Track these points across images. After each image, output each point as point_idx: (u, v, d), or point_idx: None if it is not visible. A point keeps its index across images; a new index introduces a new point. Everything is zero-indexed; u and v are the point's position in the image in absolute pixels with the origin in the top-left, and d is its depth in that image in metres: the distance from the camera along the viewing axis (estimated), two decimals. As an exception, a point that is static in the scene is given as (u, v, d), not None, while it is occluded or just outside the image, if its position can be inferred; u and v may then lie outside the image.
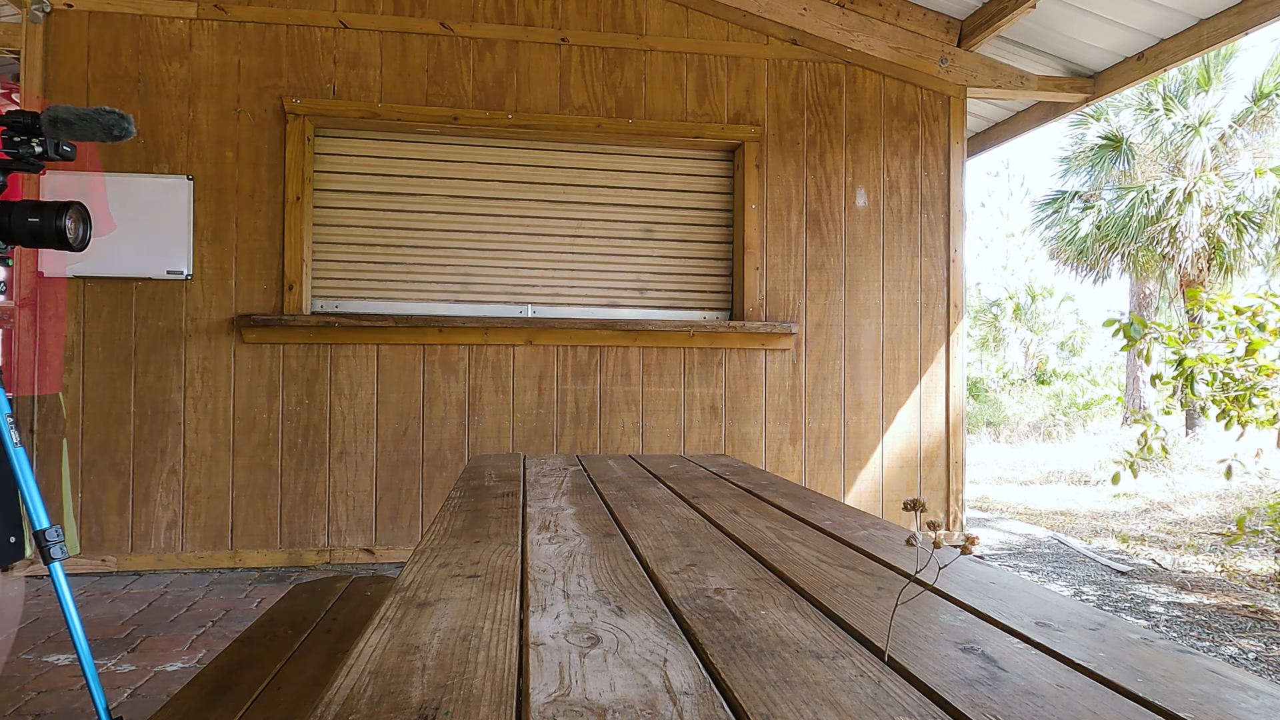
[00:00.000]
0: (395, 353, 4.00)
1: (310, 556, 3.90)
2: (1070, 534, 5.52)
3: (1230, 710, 0.61)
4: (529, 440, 4.13)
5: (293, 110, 3.90)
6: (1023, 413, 15.16)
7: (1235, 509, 6.10)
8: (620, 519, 1.37)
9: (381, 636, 0.75)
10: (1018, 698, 0.63)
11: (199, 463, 3.82)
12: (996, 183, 34.23)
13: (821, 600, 0.90)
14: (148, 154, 3.79)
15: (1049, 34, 4.39)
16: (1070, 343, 21.45)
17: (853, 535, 1.26)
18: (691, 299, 4.41)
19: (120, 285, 3.77)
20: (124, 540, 3.77)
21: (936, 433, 4.49)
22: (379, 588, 2.13)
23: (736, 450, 4.30)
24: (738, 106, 4.34)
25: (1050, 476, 8.77)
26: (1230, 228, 12.00)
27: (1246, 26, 3.73)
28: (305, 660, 1.59)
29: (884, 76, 4.48)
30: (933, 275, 4.49)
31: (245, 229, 3.88)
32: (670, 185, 4.39)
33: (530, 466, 2.10)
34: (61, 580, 1.72)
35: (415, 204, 4.14)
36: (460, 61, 4.10)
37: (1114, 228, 12.73)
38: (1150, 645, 0.75)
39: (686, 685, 0.64)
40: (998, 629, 0.80)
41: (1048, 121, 5.21)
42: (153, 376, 3.80)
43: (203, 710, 1.36)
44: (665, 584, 0.96)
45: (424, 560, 1.05)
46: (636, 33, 4.26)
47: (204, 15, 3.87)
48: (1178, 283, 12.77)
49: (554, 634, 0.76)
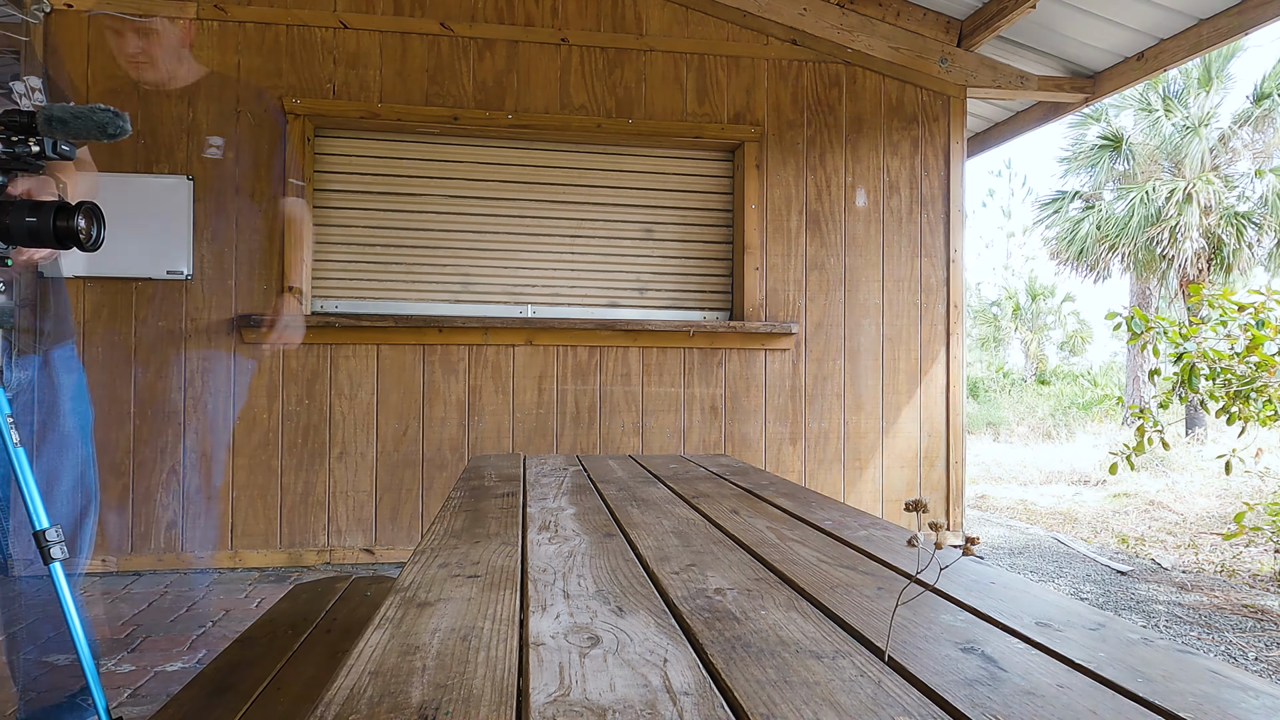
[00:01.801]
0: (395, 353, 4.00)
1: (310, 556, 3.90)
2: (1070, 533, 5.51)
3: (1230, 710, 0.61)
4: (529, 440, 4.12)
5: (293, 110, 3.90)
6: (1023, 413, 15.16)
7: (1235, 508, 6.09)
8: (620, 519, 1.37)
9: (381, 636, 0.75)
10: (1018, 698, 0.63)
11: (199, 463, 3.82)
12: (998, 182, 34.24)
13: (821, 600, 0.90)
14: (148, 154, 3.79)
15: (1049, 34, 4.39)
16: (1071, 343, 21.44)
17: (853, 535, 1.26)
18: (691, 299, 4.41)
19: (120, 285, 3.77)
20: (124, 540, 3.77)
21: (936, 433, 4.49)
22: (379, 588, 2.13)
23: (736, 450, 4.30)
24: (738, 106, 4.34)
25: (1050, 476, 8.77)
26: (1230, 228, 12.01)
27: (1246, 26, 3.73)
28: (305, 660, 1.59)
29: (884, 77, 4.48)
30: (933, 275, 4.49)
31: (245, 229, 3.88)
32: (670, 185, 4.39)
33: (530, 467, 2.10)
34: (61, 580, 1.72)
35: (415, 204, 4.14)
36: (460, 61, 4.10)
37: (1114, 228, 12.73)
38: (1150, 645, 0.75)
39: (686, 685, 0.64)
40: (998, 629, 0.80)
41: (1048, 121, 5.21)
42: (153, 376, 3.80)
43: (203, 710, 1.36)
44: (665, 584, 0.96)
45: (424, 560, 1.05)
46: (636, 33, 4.26)
47: (204, 15, 3.87)
48: (1178, 282, 12.77)
49: (554, 634, 0.76)
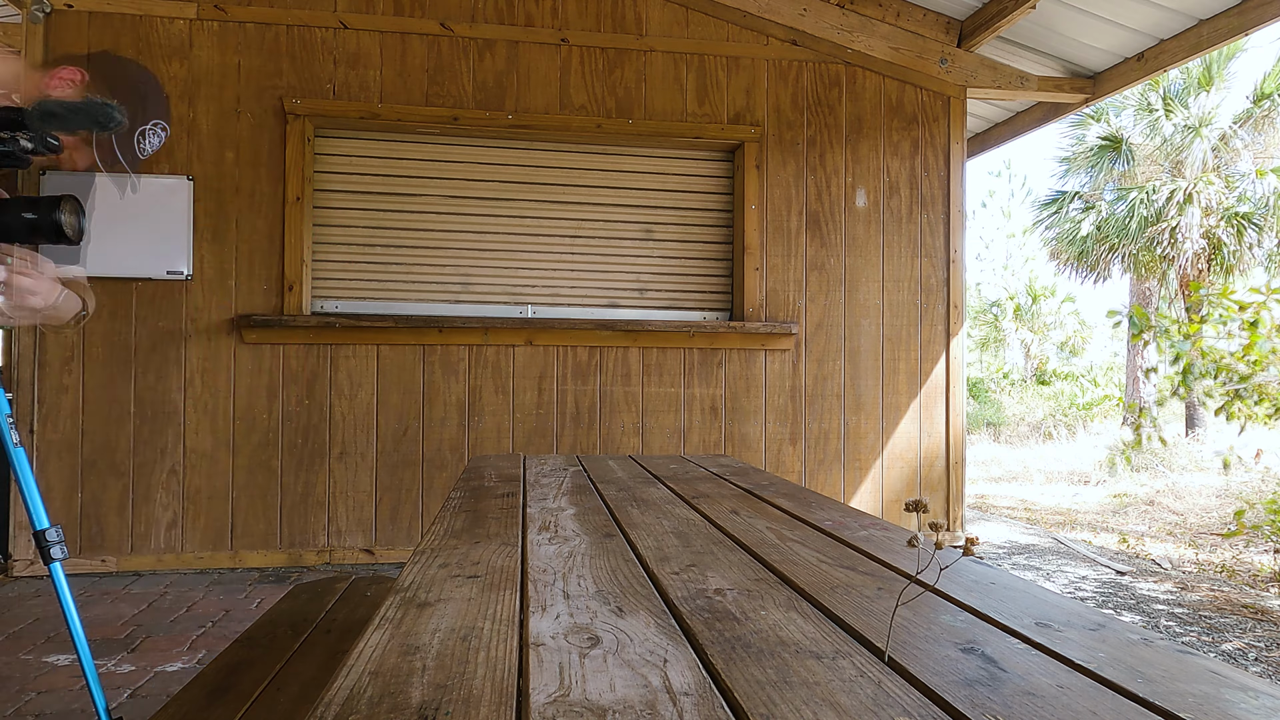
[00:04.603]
0: (395, 353, 4.00)
1: (310, 557, 3.90)
2: (1070, 533, 5.51)
3: (1230, 710, 0.61)
4: (529, 441, 4.12)
5: (293, 110, 3.90)
6: (1023, 413, 15.15)
7: (1235, 508, 6.10)
8: (620, 519, 1.37)
9: (381, 637, 0.75)
10: (1018, 698, 0.63)
11: (199, 463, 3.82)
12: (998, 183, 34.21)
13: (821, 600, 0.90)
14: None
15: (1049, 34, 4.39)
16: (1071, 343, 21.43)
17: (853, 536, 1.26)
18: (691, 299, 4.41)
19: (120, 285, 3.77)
20: (124, 540, 3.77)
21: (937, 433, 4.49)
22: (379, 588, 2.13)
23: (736, 450, 4.30)
24: (738, 107, 4.34)
25: (1050, 476, 8.77)
26: (1230, 228, 12.00)
27: (1246, 27, 3.73)
28: (305, 660, 1.59)
29: (884, 77, 4.48)
30: (933, 276, 4.49)
31: (245, 229, 3.88)
32: (670, 185, 4.39)
33: (530, 467, 2.09)
34: (61, 580, 1.72)
35: (415, 204, 4.14)
36: (460, 62, 4.10)
37: (1114, 228, 12.73)
38: (1150, 645, 0.75)
39: (686, 686, 0.64)
40: (998, 629, 0.80)
41: (1048, 122, 5.21)
42: (153, 377, 3.80)
43: (203, 710, 1.36)
44: (665, 584, 0.96)
45: (424, 560, 1.05)
46: (636, 33, 4.26)
47: (204, 15, 3.87)
48: (1178, 283, 12.77)
49: (554, 634, 0.76)
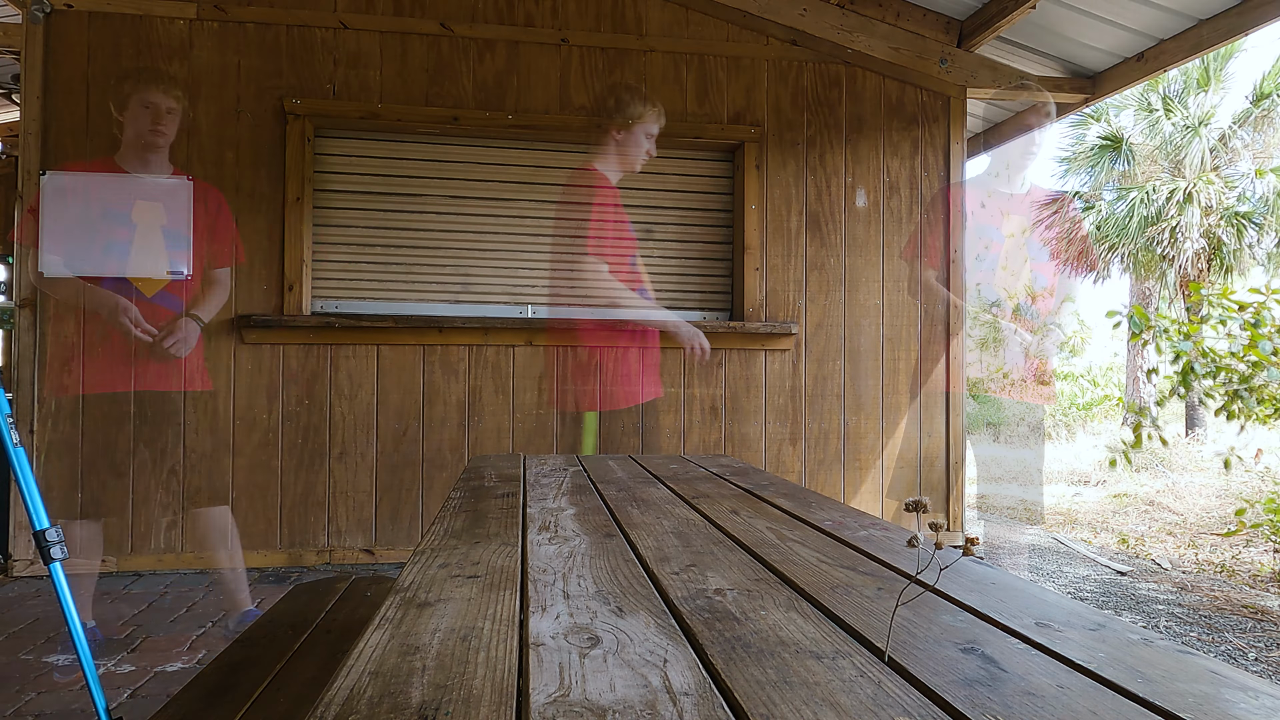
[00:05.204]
0: (395, 353, 4.00)
1: (310, 557, 3.90)
2: (1070, 533, 5.51)
3: (1230, 710, 0.61)
4: (529, 440, 4.12)
5: (293, 110, 3.90)
6: (1023, 413, 15.13)
7: (1235, 508, 6.09)
8: (620, 519, 1.37)
9: (381, 637, 0.75)
10: (1018, 698, 0.63)
11: (199, 463, 3.82)
12: (998, 183, 34.19)
13: (822, 600, 0.90)
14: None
15: (1049, 35, 4.39)
16: (1070, 343, 21.43)
17: (853, 536, 1.26)
18: (691, 299, 4.41)
19: (120, 286, 3.76)
20: (124, 540, 3.76)
21: (937, 433, 4.49)
22: (379, 588, 2.13)
23: (736, 451, 4.30)
24: (738, 107, 4.34)
25: (1050, 476, 8.77)
26: (1230, 228, 12.01)
27: (1246, 27, 3.73)
28: (305, 660, 1.59)
29: (884, 77, 4.48)
30: (933, 275, 4.48)
31: (245, 229, 3.87)
32: (670, 185, 4.38)
33: (530, 467, 2.09)
34: (62, 580, 1.72)
35: (415, 204, 4.14)
36: (460, 62, 4.10)
37: (1114, 228, 12.73)
38: (1150, 645, 0.75)
39: (686, 686, 0.64)
40: (998, 629, 0.80)
41: (1048, 122, 5.20)
42: (152, 377, 3.79)
43: (203, 711, 1.36)
44: (665, 584, 0.96)
45: (424, 560, 1.05)
46: (636, 33, 4.25)
47: (204, 15, 3.87)
48: (1178, 283, 12.77)
49: (554, 634, 0.76)
